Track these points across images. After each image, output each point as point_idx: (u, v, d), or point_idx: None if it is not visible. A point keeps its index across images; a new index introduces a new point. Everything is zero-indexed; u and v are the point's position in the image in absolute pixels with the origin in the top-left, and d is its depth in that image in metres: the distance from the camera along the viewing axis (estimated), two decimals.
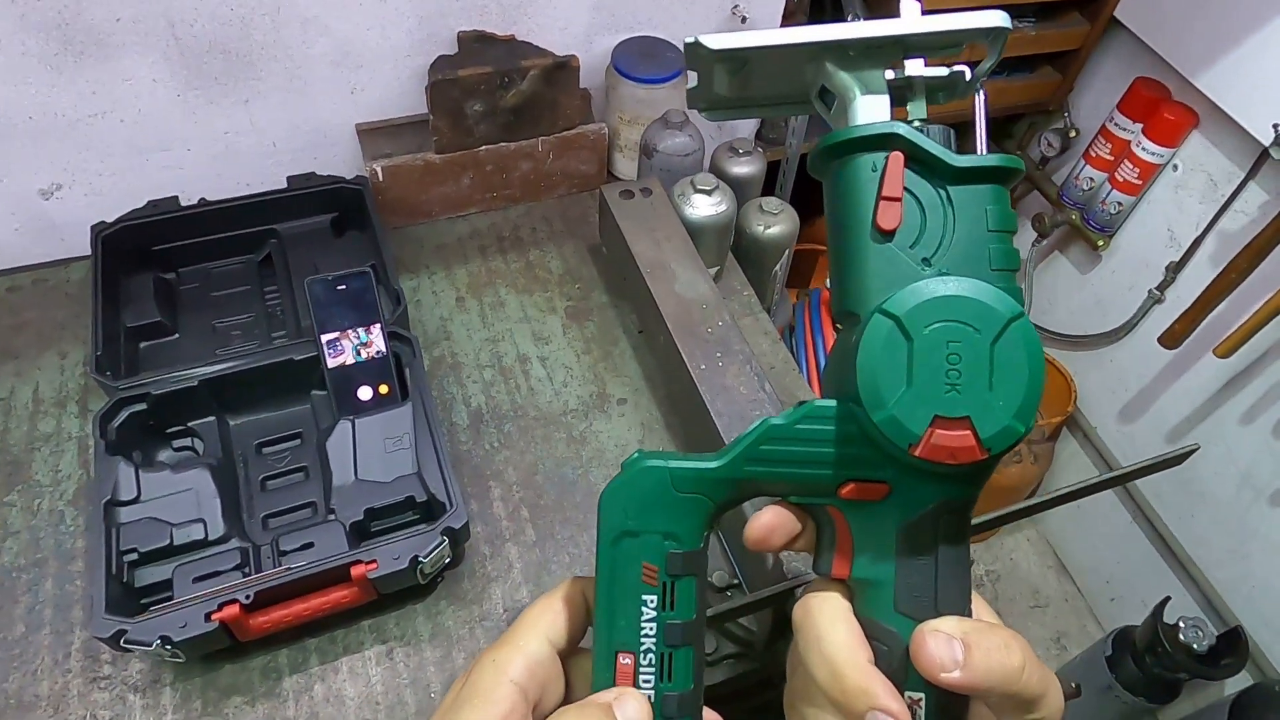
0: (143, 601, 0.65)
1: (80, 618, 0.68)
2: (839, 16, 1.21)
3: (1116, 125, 1.41)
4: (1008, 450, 0.30)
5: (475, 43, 0.94)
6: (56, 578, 0.70)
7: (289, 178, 0.90)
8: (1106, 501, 1.67)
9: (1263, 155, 1.22)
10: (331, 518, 0.69)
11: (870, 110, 0.34)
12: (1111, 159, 1.44)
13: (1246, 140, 1.23)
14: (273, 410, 0.79)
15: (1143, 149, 1.37)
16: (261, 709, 0.64)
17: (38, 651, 0.66)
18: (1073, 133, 1.54)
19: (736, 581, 0.71)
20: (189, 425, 0.75)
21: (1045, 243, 1.64)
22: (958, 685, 0.30)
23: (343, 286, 0.76)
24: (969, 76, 0.36)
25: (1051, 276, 1.71)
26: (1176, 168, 1.38)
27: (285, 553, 0.67)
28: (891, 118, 0.34)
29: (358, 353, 0.75)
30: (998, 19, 0.33)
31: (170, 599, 0.63)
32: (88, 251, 0.83)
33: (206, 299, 0.88)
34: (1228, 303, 1.26)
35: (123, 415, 0.71)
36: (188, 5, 0.81)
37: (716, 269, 0.94)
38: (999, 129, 1.70)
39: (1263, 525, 1.37)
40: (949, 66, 0.36)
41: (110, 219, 0.84)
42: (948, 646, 0.30)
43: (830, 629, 0.33)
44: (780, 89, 0.41)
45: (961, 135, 0.34)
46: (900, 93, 0.35)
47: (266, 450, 0.77)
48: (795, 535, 0.35)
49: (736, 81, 0.40)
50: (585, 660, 0.36)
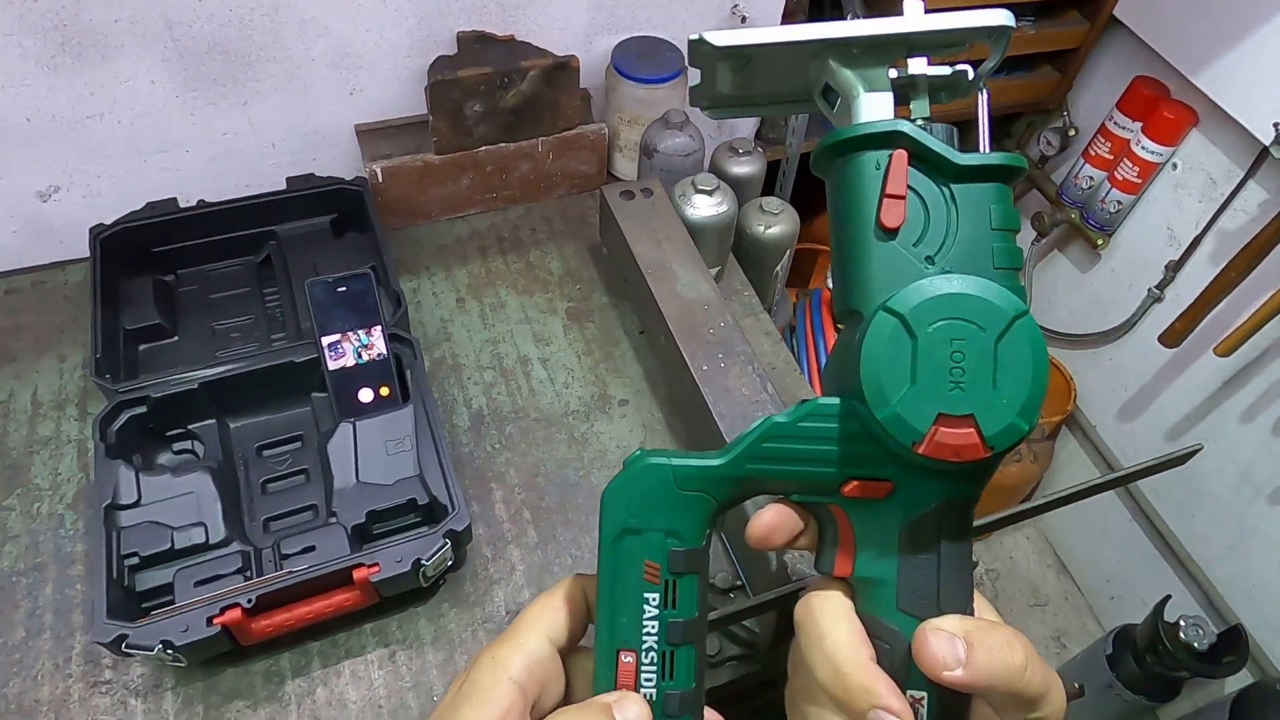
0: (144, 606, 0.65)
1: (81, 622, 0.67)
2: (838, 15, 1.21)
3: (1116, 124, 1.41)
4: (1011, 448, 0.30)
5: (475, 43, 0.93)
6: (56, 582, 0.69)
7: (288, 179, 0.90)
8: (1106, 500, 1.67)
9: (1262, 154, 1.22)
10: (333, 520, 0.68)
11: (874, 108, 0.34)
12: (1111, 158, 1.44)
13: (1246, 139, 1.23)
14: (273, 413, 0.79)
15: (1142, 148, 1.37)
16: (263, 713, 0.64)
17: (38, 656, 0.65)
18: (1072, 131, 1.54)
19: (740, 583, 0.71)
20: (189, 428, 0.75)
21: (1045, 241, 1.64)
22: (960, 684, 0.30)
23: (343, 288, 0.76)
24: (972, 76, 0.36)
25: (1051, 275, 1.71)
26: (1176, 166, 1.38)
27: (287, 556, 0.67)
28: (895, 116, 0.33)
29: (358, 355, 0.74)
30: (1001, 18, 0.33)
31: (171, 603, 0.63)
32: (86, 254, 0.82)
33: (206, 301, 0.87)
34: (1227, 301, 1.26)
35: (123, 418, 0.71)
36: (186, 6, 0.81)
37: (717, 269, 0.94)
38: (998, 128, 1.70)
39: (1262, 523, 1.37)
40: (952, 65, 0.36)
41: (109, 221, 0.83)
42: (950, 645, 0.30)
43: (832, 627, 0.33)
44: (783, 87, 0.41)
45: (963, 134, 0.34)
46: (903, 91, 0.35)
47: (267, 453, 0.77)
48: (797, 533, 0.35)
49: (740, 79, 0.40)
50: (586, 659, 0.36)
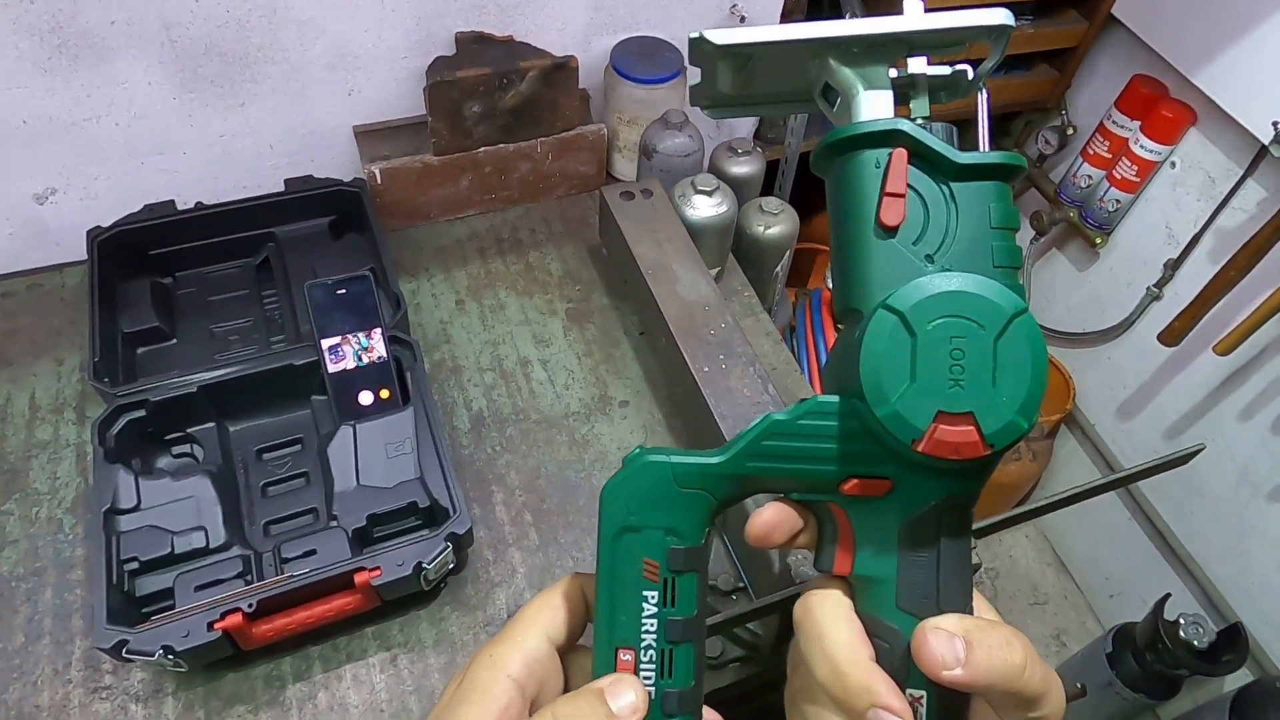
0: (144, 611, 0.64)
1: (80, 627, 0.67)
2: (837, 15, 1.21)
3: (1114, 123, 1.41)
4: (1011, 446, 0.30)
5: (473, 44, 0.93)
6: (56, 587, 0.69)
7: (286, 180, 0.89)
8: (1106, 499, 1.67)
9: (1261, 152, 1.22)
10: (334, 524, 0.68)
11: (874, 107, 0.34)
12: (1109, 156, 1.44)
13: (1244, 137, 1.23)
14: (272, 416, 0.78)
15: (1141, 146, 1.37)
16: (265, 717, 0.64)
17: (38, 662, 0.65)
18: (1070, 130, 1.54)
19: (742, 584, 0.70)
20: (188, 432, 0.75)
21: (1043, 240, 1.64)
22: (959, 683, 0.30)
23: (342, 291, 0.76)
24: (971, 75, 0.36)
25: (1050, 274, 1.71)
26: (1174, 165, 1.38)
27: (287, 560, 0.66)
28: (895, 115, 0.33)
29: (359, 358, 0.74)
30: (1001, 17, 0.33)
31: (172, 608, 0.63)
32: (83, 256, 0.82)
33: (204, 304, 0.87)
34: (1226, 300, 1.26)
35: (121, 422, 0.70)
36: (183, 7, 0.81)
37: (717, 270, 0.94)
38: (996, 126, 1.70)
39: (1261, 522, 1.37)
40: (952, 65, 0.36)
41: (106, 223, 0.83)
42: (949, 644, 0.30)
43: (832, 626, 0.33)
44: (783, 86, 0.41)
45: (962, 133, 0.34)
46: (903, 91, 0.35)
47: (267, 456, 0.76)
48: (797, 532, 0.35)
49: (740, 78, 0.40)
50: (584, 657, 0.36)
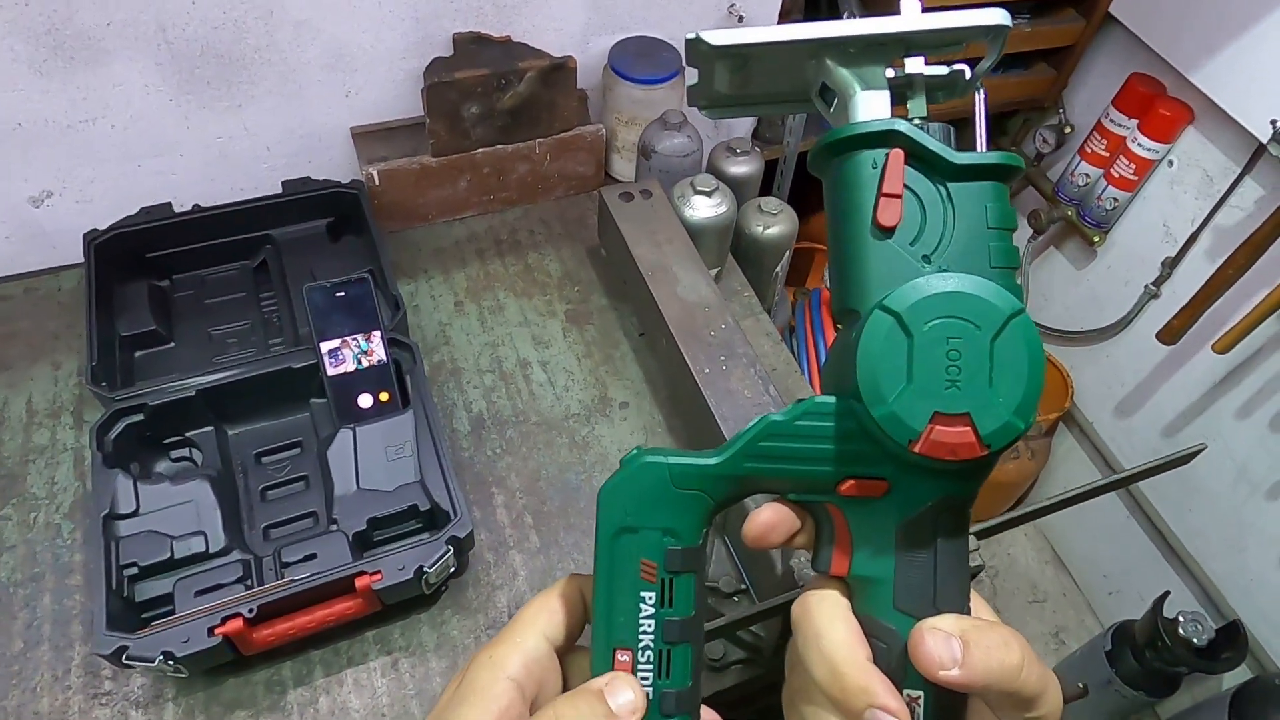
0: (144, 616, 0.64)
1: (80, 633, 0.67)
2: (835, 15, 1.21)
3: (1112, 121, 1.41)
4: (1007, 447, 0.30)
5: (471, 44, 0.93)
6: (55, 592, 0.69)
7: (284, 182, 0.89)
8: (1104, 497, 1.67)
9: (1259, 150, 1.22)
10: (334, 528, 0.68)
11: (871, 107, 0.34)
12: (1107, 155, 1.44)
13: (1242, 135, 1.23)
14: (271, 419, 0.78)
15: (1138, 145, 1.37)
16: None
17: (37, 668, 0.65)
18: (1068, 129, 1.54)
19: (744, 586, 0.70)
20: (187, 435, 0.75)
21: (1041, 239, 1.64)
22: (956, 683, 0.30)
23: (341, 293, 0.75)
24: (969, 75, 0.36)
25: (1047, 272, 1.72)
26: (1172, 163, 1.39)
27: (288, 564, 0.66)
28: (892, 115, 0.33)
29: (358, 361, 0.74)
30: (998, 17, 0.33)
31: (172, 613, 0.62)
32: (79, 259, 0.82)
33: (202, 306, 0.87)
34: (1224, 298, 1.26)
35: (119, 426, 0.70)
36: (179, 9, 0.80)
37: (716, 270, 0.94)
38: (994, 125, 1.70)
39: (1259, 519, 1.37)
40: (949, 65, 0.36)
41: (102, 226, 0.83)
42: (946, 644, 0.30)
43: (829, 626, 0.33)
44: (781, 86, 0.41)
45: (959, 132, 0.34)
46: (900, 91, 0.35)
47: (266, 460, 0.76)
48: (794, 532, 0.35)
49: (737, 79, 0.39)
50: (583, 658, 0.35)
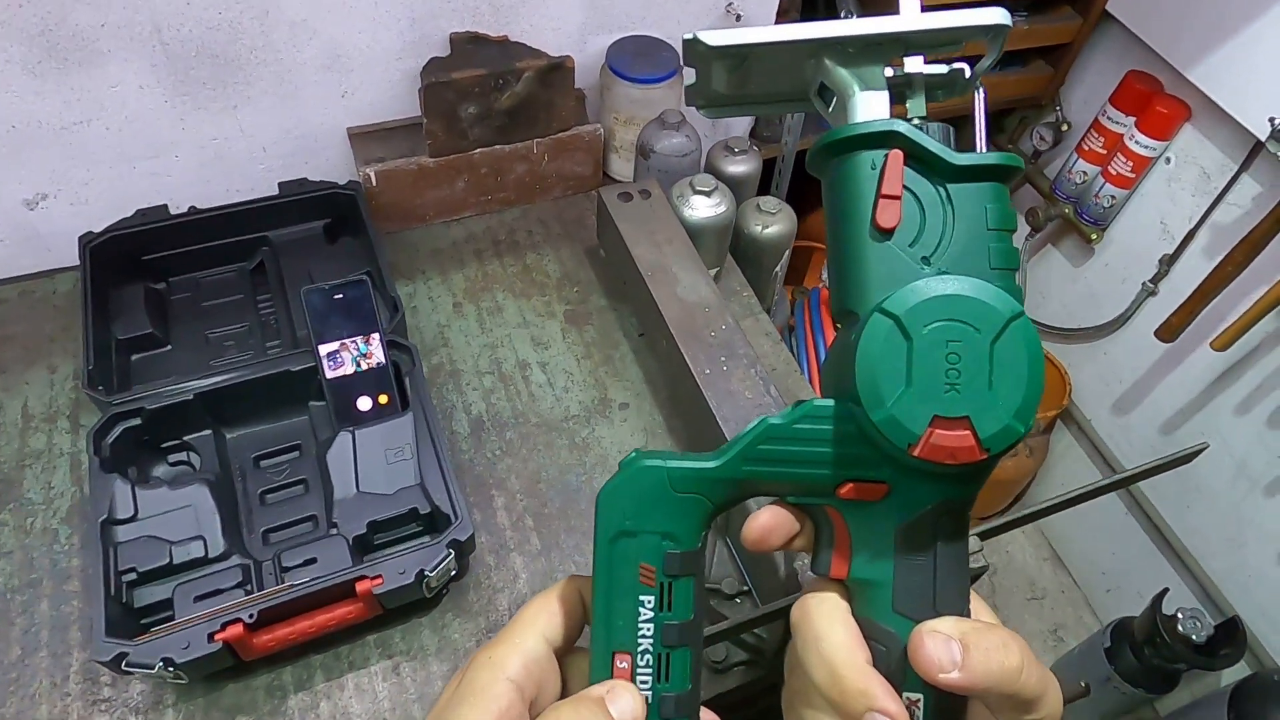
0: (143, 622, 0.63)
1: (78, 639, 0.66)
2: (832, 14, 1.21)
3: (1109, 119, 1.41)
4: (1007, 450, 0.30)
5: (468, 44, 0.92)
6: (52, 598, 0.68)
7: (280, 184, 0.88)
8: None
9: (1256, 147, 1.22)
10: (334, 532, 0.68)
11: (870, 107, 0.33)
12: (1104, 152, 1.44)
13: (1239, 133, 1.24)
14: (270, 422, 0.78)
15: (1135, 142, 1.37)
16: None
17: (35, 675, 0.64)
18: (1065, 126, 1.54)
19: (746, 588, 0.70)
20: (185, 439, 0.74)
21: (1038, 236, 1.64)
22: (956, 686, 0.30)
23: (340, 295, 0.75)
24: (968, 74, 0.35)
25: (1045, 270, 1.72)
26: (1169, 161, 1.39)
27: (287, 569, 0.66)
28: (891, 115, 0.33)
29: (357, 364, 0.73)
30: (998, 16, 0.33)
31: (171, 619, 0.62)
32: (75, 262, 0.81)
33: (198, 309, 0.86)
34: (1221, 295, 1.26)
35: (117, 431, 0.69)
36: (174, 10, 0.80)
37: (716, 270, 0.94)
38: (991, 123, 1.70)
39: (1258, 516, 1.37)
40: (948, 64, 0.35)
41: (98, 229, 0.82)
42: (946, 647, 0.30)
43: (828, 629, 0.32)
44: (779, 86, 0.40)
45: (958, 129, 0.34)
46: (899, 90, 0.35)
47: (265, 463, 0.76)
48: (793, 535, 0.35)
49: (735, 78, 0.39)
50: (582, 659, 0.35)
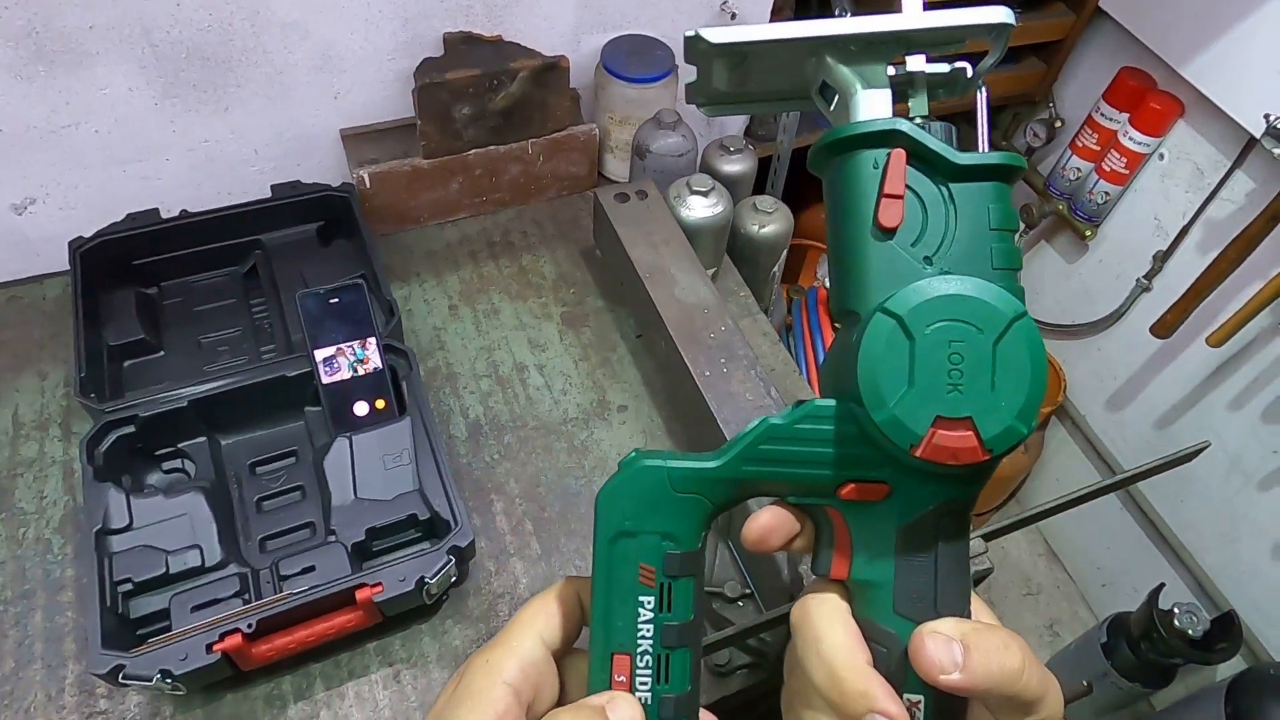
0: (140, 633, 0.63)
1: (73, 650, 0.65)
2: (826, 12, 1.20)
3: (1102, 115, 1.41)
4: (1009, 451, 0.30)
5: (461, 44, 0.91)
6: (46, 609, 0.67)
7: (273, 186, 0.87)
8: None
9: (1250, 143, 1.23)
10: (332, 539, 0.67)
11: (872, 106, 0.33)
12: (1098, 149, 1.44)
13: (1233, 129, 1.24)
14: (265, 428, 0.77)
15: (1129, 138, 1.37)
16: None
17: (30, 688, 0.63)
18: (1058, 123, 1.54)
19: (749, 591, 0.70)
20: (179, 447, 0.73)
21: (1032, 233, 1.65)
22: (957, 687, 0.30)
23: (335, 300, 0.74)
24: (970, 73, 0.35)
25: (1039, 266, 1.72)
26: (1163, 157, 1.39)
27: (286, 577, 0.65)
28: (893, 114, 0.33)
29: (354, 369, 0.73)
30: (1002, 15, 0.33)
31: (168, 629, 0.61)
32: (64, 267, 0.80)
33: (191, 314, 0.85)
34: (1216, 291, 1.27)
35: (110, 439, 0.68)
36: (164, 11, 0.78)
37: (713, 270, 0.93)
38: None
39: (1252, 510, 1.38)
40: (951, 62, 0.35)
41: (88, 233, 0.81)
42: (947, 648, 0.30)
43: (829, 630, 0.32)
44: (780, 84, 0.40)
45: (959, 129, 0.34)
46: (902, 89, 0.34)
47: (261, 470, 0.75)
48: (794, 536, 0.34)
49: (736, 76, 0.39)
50: (580, 661, 0.35)
